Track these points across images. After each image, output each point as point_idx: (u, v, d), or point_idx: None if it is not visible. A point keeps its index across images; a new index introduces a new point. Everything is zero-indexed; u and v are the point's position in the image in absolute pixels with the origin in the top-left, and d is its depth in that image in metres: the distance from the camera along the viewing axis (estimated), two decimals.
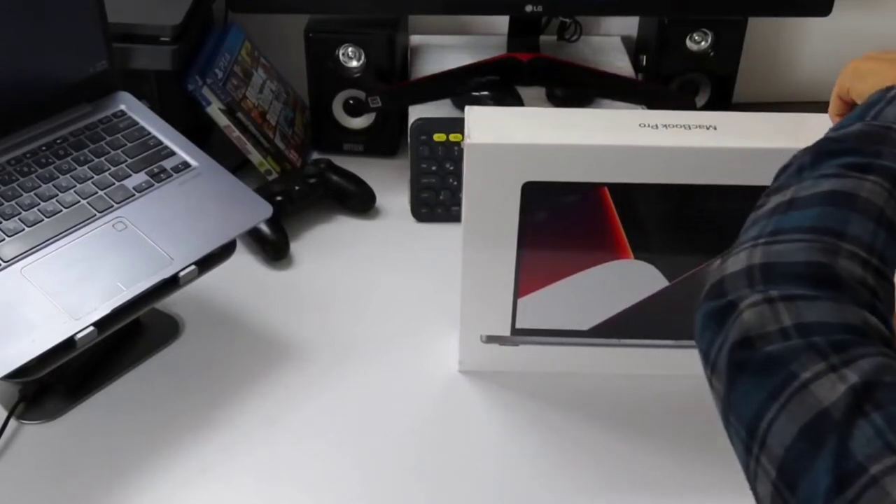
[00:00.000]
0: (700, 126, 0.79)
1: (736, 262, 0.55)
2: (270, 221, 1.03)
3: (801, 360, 0.49)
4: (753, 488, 0.52)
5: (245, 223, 0.91)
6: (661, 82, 1.25)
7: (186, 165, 0.94)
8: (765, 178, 0.79)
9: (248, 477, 0.83)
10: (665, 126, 0.79)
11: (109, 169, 0.92)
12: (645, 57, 1.28)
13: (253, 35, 1.26)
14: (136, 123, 0.97)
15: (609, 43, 1.34)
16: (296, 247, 1.08)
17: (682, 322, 0.89)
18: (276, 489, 0.82)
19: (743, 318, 0.52)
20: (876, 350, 0.49)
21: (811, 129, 0.80)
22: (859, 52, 1.41)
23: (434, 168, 1.12)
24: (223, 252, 0.89)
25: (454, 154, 1.11)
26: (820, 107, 1.30)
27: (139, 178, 0.92)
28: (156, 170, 0.93)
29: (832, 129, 0.64)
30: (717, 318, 0.54)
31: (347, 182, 1.15)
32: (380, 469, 0.84)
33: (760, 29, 1.30)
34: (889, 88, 0.66)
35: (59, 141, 0.93)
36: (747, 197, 0.80)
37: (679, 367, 0.92)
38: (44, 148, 0.92)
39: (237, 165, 1.14)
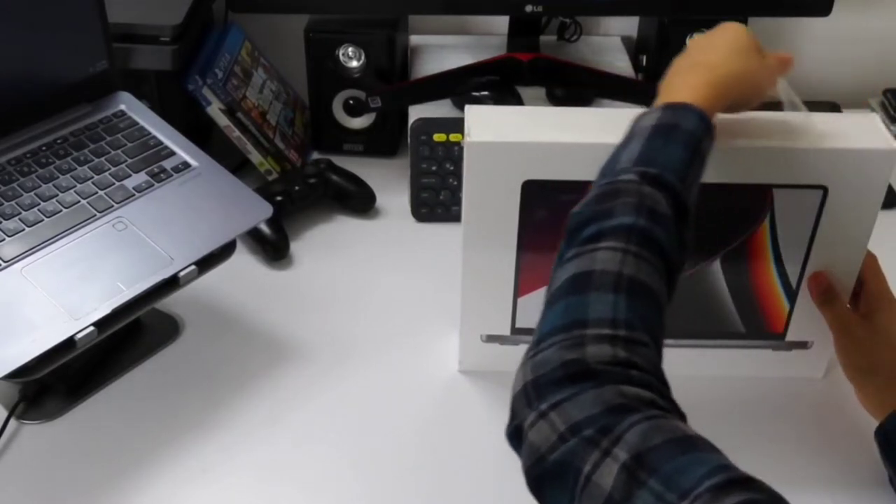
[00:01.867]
0: None
1: (518, 379, 0.58)
2: (270, 221, 1.03)
3: (581, 456, 0.52)
4: None
5: (245, 223, 0.91)
6: None
7: (186, 165, 0.94)
8: (764, 178, 0.79)
9: (248, 476, 0.83)
10: None
11: (109, 169, 0.92)
12: (645, 57, 1.28)
13: (253, 35, 1.26)
14: (136, 123, 0.97)
15: (609, 43, 1.34)
16: (296, 247, 1.08)
17: (682, 322, 0.89)
18: (276, 489, 0.82)
19: (530, 440, 0.55)
20: (641, 416, 0.53)
21: (811, 128, 0.80)
22: (859, 52, 1.42)
23: (434, 168, 1.12)
24: (223, 252, 0.89)
25: (454, 154, 1.11)
26: (820, 107, 1.31)
27: (139, 178, 0.92)
28: (156, 170, 0.93)
29: (580, 203, 0.66)
30: (515, 443, 0.58)
31: (347, 182, 1.14)
32: (380, 469, 0.84)
33: (760, 29, 1.30)
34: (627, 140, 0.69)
35: (59, 141, 0.93)
36: (747, 196, 0.81)
37: (679, 367, 0.91)
38: (44, 148, 0.92)
39: (237, 165, 1.14)
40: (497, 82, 1.18)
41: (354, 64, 1.20)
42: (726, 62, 0.73)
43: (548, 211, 0.81)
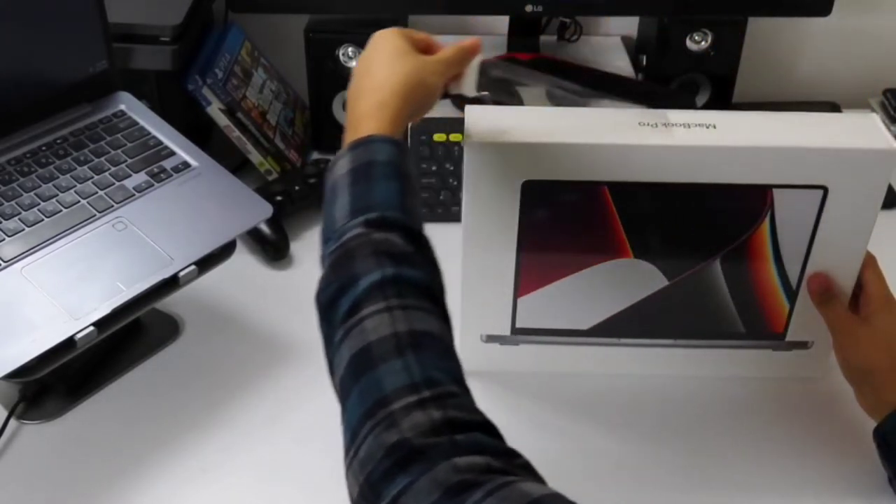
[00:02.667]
0: (700, 125, 0.79)
1: (351, 485, 0.56)
2: (270, 221, 1.03)
3: None
4: None
5: (245, 223, 0.91)
6: (661, 82, 1.25)
7: (186, 165, 0.94)
8: (764, 178, 0.80)
9: (248, 476, 0.83)
10: (665, 125, 0.79)
11: (109, 169, 0.92)
12: (645, 57, 1.28)
13: (253, 35, 1.26)
14: (136, 123, 0.97)
15: (609, 43, 1.34)
16: (296, 247, 1.08)
17: (682, 322, 0.89)
18: (277, 489, 0.82)
19: None
20: (482, 492, 0.50)
21: (811, 128, 0.80)
22: (859, 52, 1.43)
23: (434, 168, 1.12)
24: (223, 252, 0.89)
25: (454, 154, 1.11)
26: (820, 106, 1.31)
27: (139, 178, 0.92)
28: (156, 170, 0.93)
29: (320, 280, 0.64)
30: None
31: None
32: None
33: (760, 29, 1.31)
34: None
35: (59, 141, 0.93)
36: (747, 196, 0.81)
37: (679, 367, 0.92)
38: (44, 148, 0.92)
39: (237, 165, 1.14)
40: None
41: (354, 64, 1.19)
42: (388, 77, 0.71)
43: (548, 211, 0.81)
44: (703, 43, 1.23)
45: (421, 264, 0.63)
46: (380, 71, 0.72)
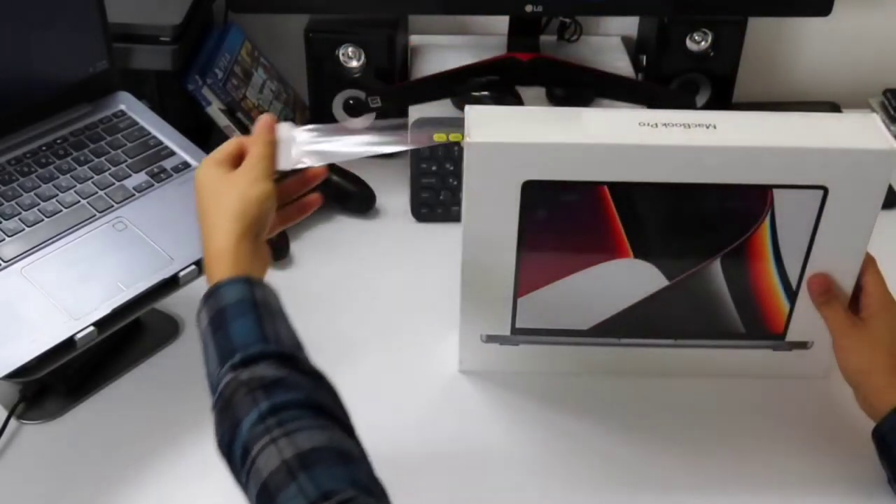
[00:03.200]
0: (700, 125, 0.79)
1: None
2: None
3: None
4: None
5: None
6: (661, 82, 1.25)
7: (186, 165, 0.94)
8: (764, 178, 0.79)
9: None
10: (665, 125, 0.79)
11: (109, 169, 0.92)
12: (645, 57, 1.28)
13: (253, 35, 1.26)
14: (136, 123, 0.97)
15: (609, 43, 1.34)
16: (296, 247, 1.08)
17: (682, 322, 0.89)
18: None
19: None
20: None
21: (811, 128, 0.80)
22: (859, 52, 1.43)
23: (434, 168, 1.12)
24: None
25: (454, 154, 1.11)
26: (820, 106, 1.31)
27: (139, 178, 0.92)
28: (156, 170, 0.93)
29: (215, 433, 0.66)
30: None
31: (347, 182, 1.14)
32: (379, 468, 0.83)
33: (760, 29, 1.31)
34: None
35: (59, 141, 0.93)
36: (747, 196, 0.81)
37: (679, 367, 0.92)
38: (44, 148, 0.92)
39: None
40: (497, 82, 1.18)
41: (354, 64, 1.20)
42: (215, 220, 0.74)
43: (548, 211, 0.81)
44: (703, 43, 1.23)
45: (294, 384, 0.64)
46: (208, 216, 0.75)
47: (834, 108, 1.31)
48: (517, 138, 0.78)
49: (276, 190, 0.76)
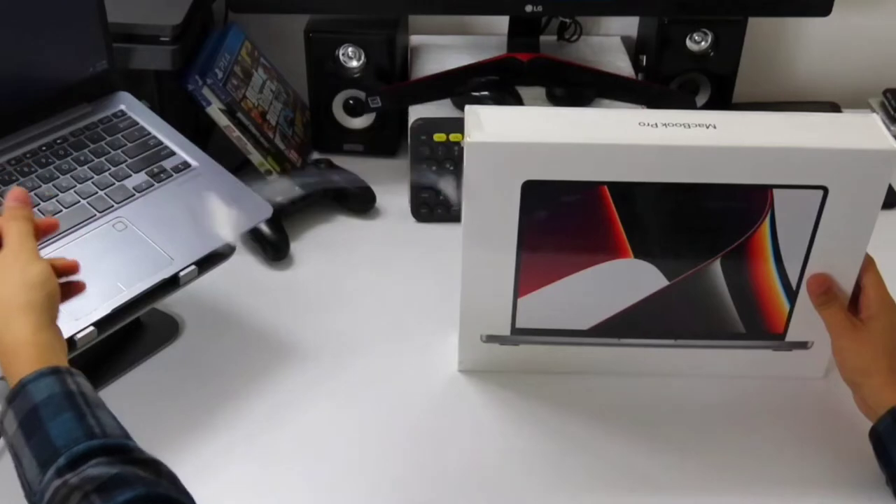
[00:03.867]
0: (700, 125, 0.79)
1: None
2: (270, 221, 1.03)
3: None
4: None
5: (245, 223, 0.91)
6: (661, 82, 1.25)
7: (186, 165, 0.94)
8: (764, 178, 0.79)
9: (248, 477, 0.83)
10: (665, 125, 0.79)
11: (109, 169, 0.92)
12: (645, 57, 1.28)
13: (253, 35, 1.26)
14: (136, 123, 0.97)
15: (609, 43, 1.34)
16: (296, 247, 1.08)
17: (682, 322, 0.89)
18: (276, 489, 0.82)
19: None
20: None
21: (811, 128, 0.80)
22: (859, 52, 1.42)
23: (434, 168, 1.12)
24: (223, 252, 0.89)
25: (454, 154, 1.11)
26: (820, 106, 1.31)
27: (139, 178, 0.92)
28: (156, 170, 0.93)
29: None
30: None
31: (347, 182, 1.14)
32: (379, 468, 0.84)
33: (760, 29, 1.31)
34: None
35: (59, 141, 0.93)
36: (747, 196, 0.81)
37: (679, 366, 0.92)
38: (44, 148, 0.92)
39: (237, 165, 1.14)
40: (497, 82, 1.18)
41: (354, 64, 1.20)
42: (23, 296, 0.67)
43: (548, 211, 0.81)
44: (703, 43, 1.23)
45: (133, 478, 0.59)
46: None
47: (834, 108, 1.31)
48: (517, 138, 0.78)
49: (50, 267, 0.70)
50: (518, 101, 1.19)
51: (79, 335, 0.78)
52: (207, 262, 0.87)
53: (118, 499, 0.57)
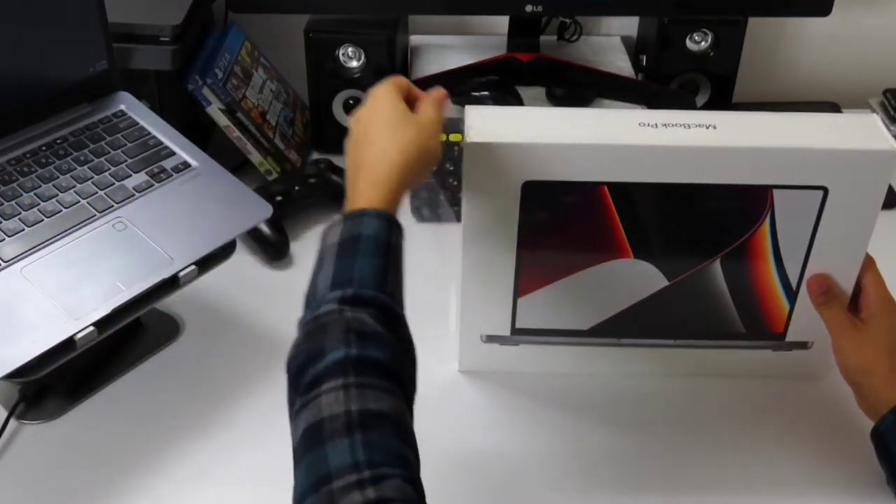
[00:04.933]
0: (700, 125, 0.79)
1: None
2: (270, 221, 1.03)
3: None
4: None
5: (245, 223, 0.91)
6: (661, 82, 1.25)
7: (186, 165, 0.94)
8: (764, 178, 0.80)
9: (247, 477, 0.83)
10: (665, 125, 0.79)
11: (109, 169, 0.92)
12: (645, 57, 1.28)
13: (253, 35, 1.26)
14: (136, 123, 0.97)
15: (609, 43, 1.34)
16: (296, 247, 1.08)
17: (682, 322, 0.89)
18: (276, 489, 0.82)
19: None
20: None
21: (811, 128, 0.80)
22: (859, 52, 1.42)
23: (434, 168, 1.11)
24: (223, 252, 0.89)
25: (454, 154, 1.11)
26: (820, 106, 1.31)
27: (139, 178, 0.92)
28: (156, 170, 0.93)
29: (293, 345, 0.66)
30: None
31: None
32: None
33: (760, 29, 1.31)
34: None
35: (59, 141, 0.93)
36: (747, 196, 0.81)
37: (679, 366, 0.92)
38: (44, 148, 0.92)
39: (237, 165, 1.14)
40: (497, 82, 1.18)
41: (354, 64, 1.20)
42: (388, 148, 0.72)
43: (548, 211, 0.81)
44: (703, 43, 1.23)
45: (387, 344, 0.64)
46: (380, 139, 0.72)
47: (834, 108, 1.31)
48: (517, 138, 0.78)
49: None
50: (518, 101, 1.19)
51: (79, 335, 0.78)
52: (207, 262, 0.87)
53: (369, 352, 0.62)
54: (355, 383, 0.60)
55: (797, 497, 0.82)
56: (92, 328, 0.79)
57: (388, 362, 0.63)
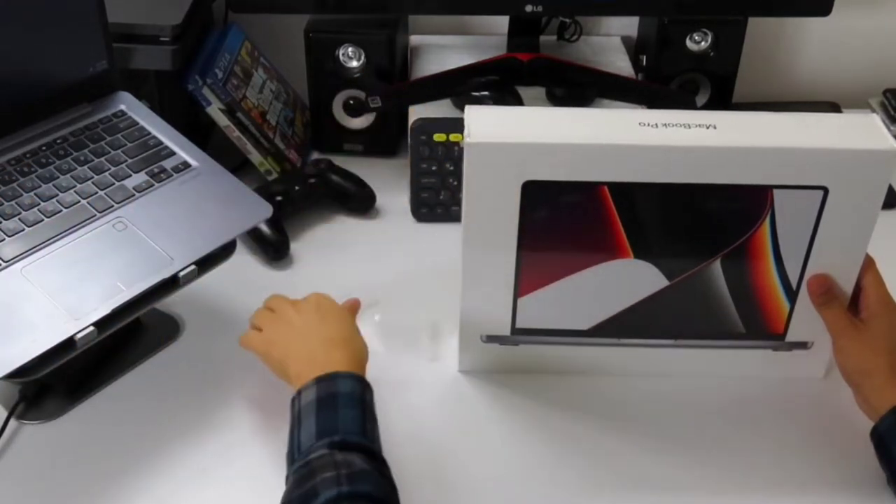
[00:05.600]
0: (700, 125, 0.79)
1: None
2: (270, 221, 1.03)
3: None
4: None
5: (245, 223, 0.91)
6: (661, 82, 1.25)
7: (186, 165, 0.94)
8: (764, 178, 0.80)
9: (247, 477, 0.83)
10: (665, 125, 0.79)
11: (109, 169, 0.92)
12: (645, 57, 1.28)
13: (253, 35, 1.26)
14: (136, 123, 0.97)
15: (609, 43, 1.34)
16: (296, 247, 1.08)
17: (682, 322, 0.89)
18: (276, 489, 0.82)
19: None
20: None
21: (811, 128, 0.80)
22: (859, 52, 1.43)
23: (434, 168, 1.12)
24: (223, 252, 0.89)
25: (454, 154, 1.11)
26: (820, 106, 1.31)
27: (139, 178, 0.92)
28: (156, 170, 0.93)
29: (283, 494, 0.72)
30: None
31: (347, 182, 1.15)
32: None
33: (760, 29, 1.31)
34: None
35: (59, 141, 0.93)
36: (747, 196, 0.81)
37: (679, 366, 0.92)
38: (44, 148, 0.92)
39: (237, 165, 1.14)
40: (497, 82, 1.18)
41: (354, 64, 1.20)
42: (338, 317, 0.85)
43: (548, 211, 0.81)
44: (703, 43, 1.23)
45: (376, 481, 0.70)
46: (332, 312, 0.86)
47: (834, 108, 1.31)
48: (517, 138, 0.78)
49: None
50: (518, 101, 1.19)
51: (79, 335, 0.78)
52: (207, 262, 0.87)
53: (359, 488, 0.68)
54: None
55: (797, 497, 0.82)
56: (92, 328, 0.79)
57: (378, 493, 0.69)
